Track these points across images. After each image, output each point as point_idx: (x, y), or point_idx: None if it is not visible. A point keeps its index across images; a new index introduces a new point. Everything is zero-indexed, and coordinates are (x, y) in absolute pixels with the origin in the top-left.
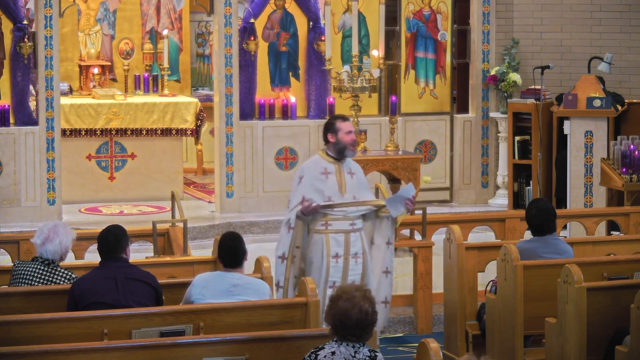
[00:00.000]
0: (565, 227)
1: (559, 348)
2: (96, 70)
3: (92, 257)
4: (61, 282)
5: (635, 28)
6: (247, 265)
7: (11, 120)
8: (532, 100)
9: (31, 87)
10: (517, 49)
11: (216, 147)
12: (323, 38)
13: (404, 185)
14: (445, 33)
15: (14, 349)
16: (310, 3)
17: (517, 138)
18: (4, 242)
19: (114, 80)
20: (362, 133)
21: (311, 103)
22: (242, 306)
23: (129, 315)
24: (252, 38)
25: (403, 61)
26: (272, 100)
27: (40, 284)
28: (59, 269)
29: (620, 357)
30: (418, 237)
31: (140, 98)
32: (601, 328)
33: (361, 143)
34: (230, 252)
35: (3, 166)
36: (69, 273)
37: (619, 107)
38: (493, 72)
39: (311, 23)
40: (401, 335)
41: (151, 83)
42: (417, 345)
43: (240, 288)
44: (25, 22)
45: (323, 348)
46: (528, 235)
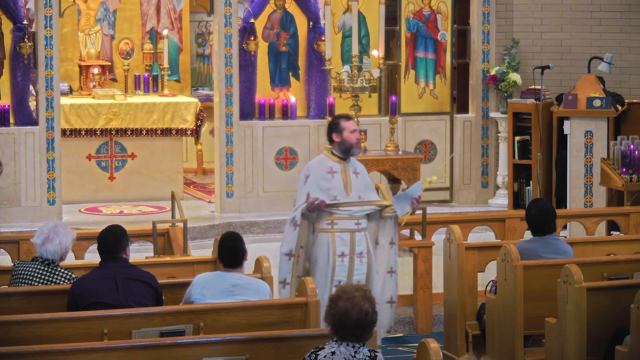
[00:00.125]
0: (565, 227)
1: (559, 348)
2: (96, 70)
3: (92, 257)
4: (61, 282)
5: (635, 28)
6: (247, 265)
7: (11, 120)
8: (532, 100)
9: (31, 87)
10: (517, 49)
11: (216, 147)
12: (323, 38)
13: (403, 186)
14: (445, 33)
15: (14, 349)
16: (310, 3)
17: (517, 138)
18: (4, 242)
19: (114, 80)
20: (362, 133)
21: (311, 103)
22: (242, 306)
23: (129, 315)
24: (252, 38)
25: (403, 61)
26: (272, 100)
27: (40, 284)
28: (59, 269)
29: (620, 357)
30: (418, 237)
31: (140, 98)
32: (601, 328)
33: (361, 143)
34: (230, 252)
35: (3, 166)
36: (69, 273)
37: (619, 107)
38: (493, 72)
39: (311, 23)
40: (401, 335)
41: (151, 83)
42: (417, 345)
43: (240, 288)
44: (25, 22)
45: (323, 348)
46: (528, 235)
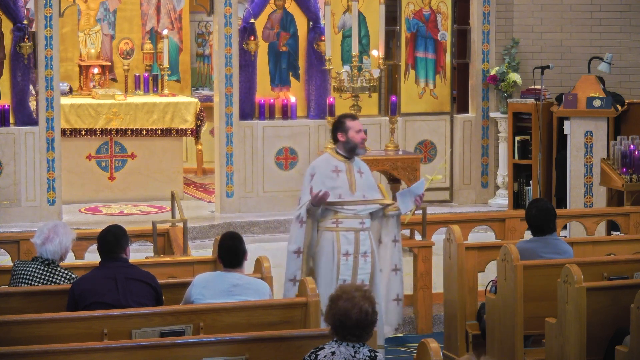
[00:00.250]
0: (565, 227)
1: (559, 348)
2: (96, 70)
3: (92, 257)
4: (61, 282)
5: (635, 28)
6: (247, 265)
7: (11, 120)
8: (532, 100)
9: (31, 87)
10: (517, 49)
11: (216, 147)
12: (323, 38)
13: (403, 186)
14: (445, 33)
15: (14, 349)
16: (310, 3)
17: (517, 138)
18: (4, 242)
19: (114, 80)
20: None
21: (311, 103)
22: (242, 306)
23: (129, 315)
24: (252, 38)
25: (403, 61)
26: (272, 100)
27: (40, 284)
28: (59, 269)
29: (620, 357)
30: (418, 237)
31: (140, 98)
32: (601, 328)
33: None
34: (230, 252)
35: (3, 166)
36: (69, 273)
37: (619, 107)
38: (493, 72)
39: (311, 23)
40: (401, 335)
41: (151, 83)
42: (417, 345)
43: (240, 288)
44: (25, 22)
45: (323, 348)
46: (528, 235)
